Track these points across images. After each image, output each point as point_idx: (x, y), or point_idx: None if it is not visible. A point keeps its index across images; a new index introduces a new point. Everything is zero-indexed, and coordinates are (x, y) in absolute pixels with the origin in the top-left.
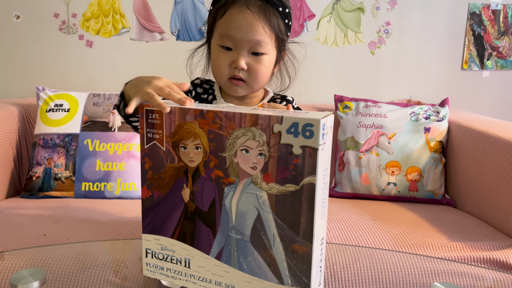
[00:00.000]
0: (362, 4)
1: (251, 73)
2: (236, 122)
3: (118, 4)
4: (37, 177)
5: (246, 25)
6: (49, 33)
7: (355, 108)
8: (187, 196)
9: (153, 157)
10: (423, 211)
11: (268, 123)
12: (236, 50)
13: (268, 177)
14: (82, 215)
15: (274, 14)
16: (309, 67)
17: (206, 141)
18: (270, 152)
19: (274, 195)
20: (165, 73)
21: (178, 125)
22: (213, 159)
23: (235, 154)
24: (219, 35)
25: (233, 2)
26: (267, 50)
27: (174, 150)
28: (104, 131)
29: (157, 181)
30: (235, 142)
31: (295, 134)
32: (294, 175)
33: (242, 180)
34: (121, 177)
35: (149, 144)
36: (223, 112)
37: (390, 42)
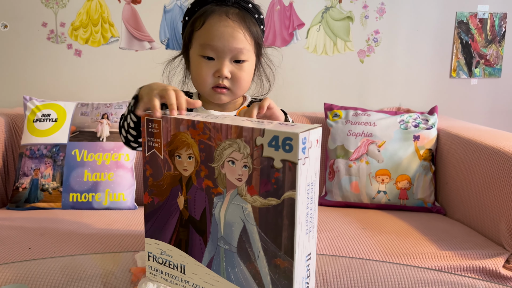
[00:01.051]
0: (351, 13)
1: (234, 80)
2: (223, 133)
3: (107, 13)
4: (24, 188)
5: (228, 34)
6: (37, 42)
7: (344, 117)
8: (182, 204)
9: (153, 165)
10: (413, 220)
11: (252, 135)
12: (218, 59)
13: (252, 190)
14: (69, 227)
15: (252, 21)
16: (299, 76)
17: (197, 151)
18: (254, 165)
19: (258, 208)
20: (153, 81)
21: (173, 135)
22: (204, 169)
23: (223, 165)
24: (199, 45)
25: (212, 12)
26: (248, 56)
27: (170, 158)
28: (92, 141)
29: (156, 187)
30: (222, 153)
31: (276, 147)
32: (275, 188)
33: (229, 191)
34: (109, 188)
35: (150, 152)
36: (212, 123)
37: (379, 51)
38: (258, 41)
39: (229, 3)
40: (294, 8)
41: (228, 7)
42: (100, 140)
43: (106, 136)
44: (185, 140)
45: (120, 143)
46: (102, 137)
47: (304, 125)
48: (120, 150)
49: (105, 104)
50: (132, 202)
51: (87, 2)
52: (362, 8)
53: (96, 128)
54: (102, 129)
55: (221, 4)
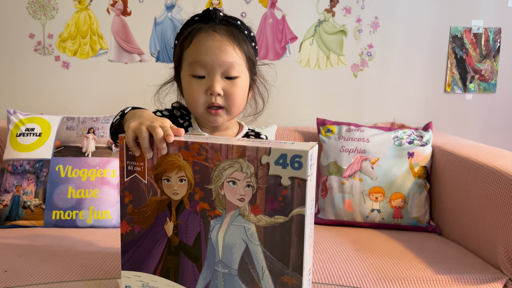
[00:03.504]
0: (344, 27)
1: (228, 97)
2: (223, 153)
3: (96, 25)
4: (5, 205)
5: (216, 48)
6: (24, 54)
7: (337, 132)
8: (171, 230)
9: (134, 190)
10: (408, 240)
11: (256, 155)
12: (209, 76)
13: (256, 209)
14: (50, 247)
15: (242, 36)
16: (291, 90)
17: (191, 173)
18: (258, 184)
19: (263, 227)
20: (143, 95)
21: (161, 157)
22: (199, 192)
23: (222, 186)
24: (189, 64)
25: (199, 29)
26: (240, 72)
27: (156, 182)
28: (77, 157)
29: (138, 215)
30: (221, 174)
31: (284, 165)
32: (283, 206)
33: (229, 212)
34: (94, 205)
35: (130, 177)
36: (209, 143)
37: (373, 65)
38: (250, 57)
39: (216, 20)
40: (286, 22)
41: (215, 24)
42: (86, 156)
43: (91, 151)
44: (176, 162)
45: (106, 159)
46: (88, 152)
47: (301, 143)
48: (106, 166)
49: (91, 118)
50: (117, 220)
51: (76, 14)
52: (356, 22)
53: (81, 143)
54: (88, 144)
55: (208, 22)
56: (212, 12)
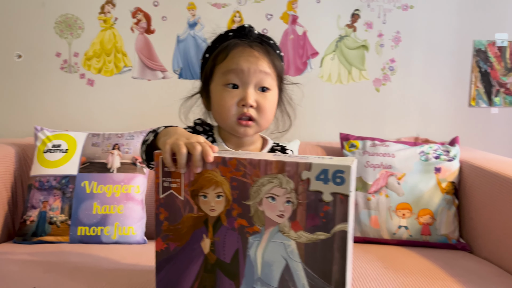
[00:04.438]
0: (366, 41)
1: (259, 110)
2: (262, 169)
3: (121, 43)
4: (31, 221)
5: (253, 59)
6: (50, 72)
7: (361, 147)
8: (207, 247)
9: (170, 207)
10: (438, 258)
11: (296, 170)
12: (243, 86)
13: (296, 225)
14: (76, 263)
15: (274, 54)
16: (313, 105)
17: (228, 189)
18: (299, 200)
19: (304, 244)
20: (166, 112)
21: (198, 173)
22: (236, 208)
23: (261, 202)
24: (222, 74)
25: (235, 45)
26: (273, 85)
27: (193, 199)
28: (102, 172)
29: (173, 232)
30: (260, 189)
31: (325, 180)
32: (324, 222)
33: (268, 228)
34: (119, 221)
35: (166, 194)
36: (247, 159)
37: (395, 79)
38: (280, 74)
39: (251, 38)
40: (308, 37)
41: (250, 41)
42: (111, 172)
43: (116, 167)
44: (213, 178)
45: (131, 175)
46: (113, 168)
47: (340, 158)
48: (131, 182)
49: (116, 134)
50: (141, 236)
51: (101, 32)
52: (377, 36)
53: (106, 159)
54: (113, 160)
55: (243, 39)
56: (247, 29)
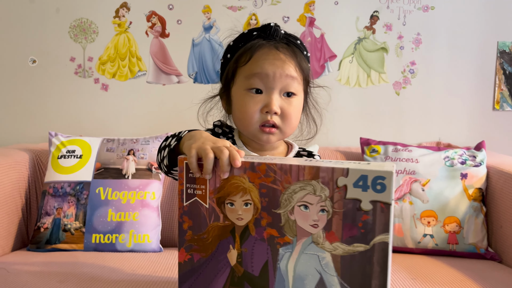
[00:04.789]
0: (385, 43)
1: (284, 117)
2: (293, 175)
3: (135, 47)
4: (46, 228)
5: (279, 62)
6: (65, 77)
7: (383, 152)
8: (234, 258)
9: (194, 215)
10: (467, 268)
11: (332, 176)
12: (267, 91)
13: (332, 236)
14: (91, 272)
15: (301, 56)
16: (331, 109)
17: (257, 197)
18: (334, 208)
19: (340, 256)
20: (182, 116)
21: (225, 180)
22: (266, 217)
23: (292, 210)
24: (245, 77)
25: (260, 46)
26: (298, 90)
27: (219, 207)
28: (117, 179)
29: (197, 242)
30: (292, 197)
31: (364, 187)
32: (363, 233)
33: (301, 239)
34: (134, 228)
35: (190, 201)
36: (278, 164)
37: (416, 82)
38: (308, 78)
39: (277, 38)
40: (325, 40)
41: (276, 42)
42: (126, 178)
43: (131, 173)
44: (241, 184)
45: (146, 181)
46: (128, 174)
47: (380, 163)
48: (146, 188)
49: (131, 140)
50: (157, 244)
51: (115, 37)
52: (397, 38)
53: (121, 165)
54: (128, 166)
55: (268, 39)
56: (273, 28)
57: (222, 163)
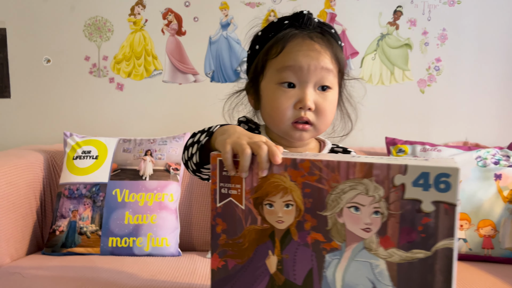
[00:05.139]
0: (409, 40)
1: (319, 113)
2: (342, 173)
3: (151, 46)
4: (61, 231)
5: (314, 54)
6: (79, 76)
7: (411, 152)
8: (274, 265)
9: (228, 218)
10: (506, 275)
11: (387, 174)
12: (301, 85)
13: (387, 241)
14: (110, 277)
15: (337, 47)
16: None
17: (300, 197)
18: (390, 210)
19: (396, 264)
20: (198, 116)
21: (263, 178)
22: (310, 219)
23: (341, 212)
24: (277, 71)
25: (293, 36)
26: (334, 84)
27: (256, 208)
28: (134, 180)
29: (232, 247)
30: (340, 197)
31: (425, 186)
32: (423, 238)
33: (351, 245)
34: (152, 231)
35: (223, 202)
36: (324, 161)
37: (441, 80)
38: (343, 70)
39: (310, 27)
40: (347, 36)
41: (310, 31)
42: (143, 179)
43: (149, 174)
44: (281, 184)
45: (164, 182)
46: (145, 175)
47: (441, 159)
48: (164, 190)
49: (148, 140)
50: (175, 247)
51: (130, 35)
52: (422, 34)
53: (138, 166)
54: (145, 166)
55: (301, 28)
56: (306, 16)
57: (260, 159)
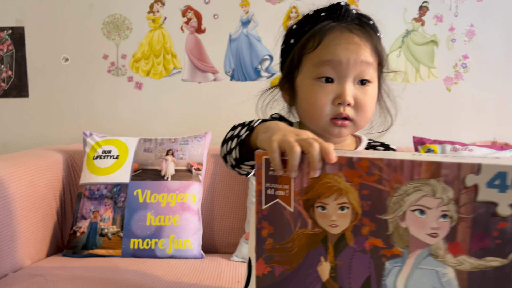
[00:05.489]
0: (435, 36)
1: (358, 108)
2: (406, 173)
3: (170, 44)
4: (82, 232)
5: (354, 46)
6: (97, 75)
7: (440, 152)
8: (327, 272)
9: (275, 221)
10: None
11: (457, 174)
12: (339, 80)
13: (456, 248)
14: (133, 280)
15: (377, 39)
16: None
17: (356, 199)
18: (460, 213)
19: (467, 273)
20: (218, 116)
21: (314, 178)
22: (368, 223)
23: (403, 216)
24: (314, 65)
25: (331, 29)
26: (374, 77)
27: (307, 211)
28: (156, 180)
29: (280, 252)
30: (403, 200)
31: (502, 188)
32: (499, 244)
33: (414, 251)
34: (174, 233)
35: (270, 204)
36: (385, 160)
37: (468, 77)
38: (382, 62)
39: (348, 19)
40: None
41: (348, 23)
42: (165, 179)
43: (171, 174)
44: (335, 184)
45: (186, 182)
46: (167, 175)
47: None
48: (186, 190)
49: (169, 140)
50: (198, 250)
51: (149, 33)
52: (448, 30)
53: (160, 166)
54: (167, 166)
55: (339, 20)
56: (344, 8)
57: (313, 158)
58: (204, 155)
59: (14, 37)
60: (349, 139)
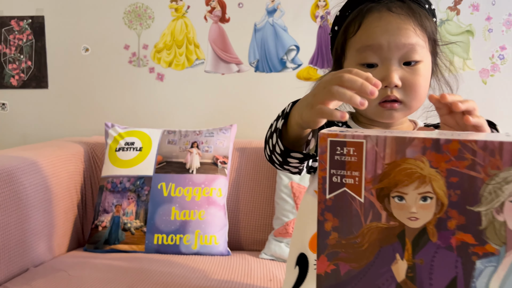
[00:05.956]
0: (471, 26)
1: (407, 89)
2: (506, 157)
3: (193, 34)
4: (104, 227)
5: (393, 29)
6: (118, 66)
7: None
8: (403, 272)
9: (341, 212)
10: None
11: None
12: (383, 63)
13: None
14: (159, 279)
15: (423, 13)
16: None
17: (443, 188)
18: None
19: None
20: (242, 108)
21: (391, 164)
22: (456, 216)
23: (501, 208)
24: (356, 51)
25: (369, 10)
26: (423, 56)
27: (380, 202)
28: (181, 173)
29: (346, 248)
30: (501, 189)
31: None
32: None
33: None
34: (200, 228)
35: (335, 193)
36: (480, 141)
37: (506, 70)
38: (433, 36)
39: None
40: None
41: (388, 2)
42: (190, 172)
43: (196, 167)
44: (417, 171)
45: (212, 176)
46: (192, 168)
47: None
48: (212, 184)
49: (194, 132)
50: (224, 246)
51: (172, 22)
52: (485, 20)
53: (185, 159)
54: (192, 159)
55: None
56: None
57: (362, 88)
58: (230, 148)
59: (34, 26)
60: (407, 124)
